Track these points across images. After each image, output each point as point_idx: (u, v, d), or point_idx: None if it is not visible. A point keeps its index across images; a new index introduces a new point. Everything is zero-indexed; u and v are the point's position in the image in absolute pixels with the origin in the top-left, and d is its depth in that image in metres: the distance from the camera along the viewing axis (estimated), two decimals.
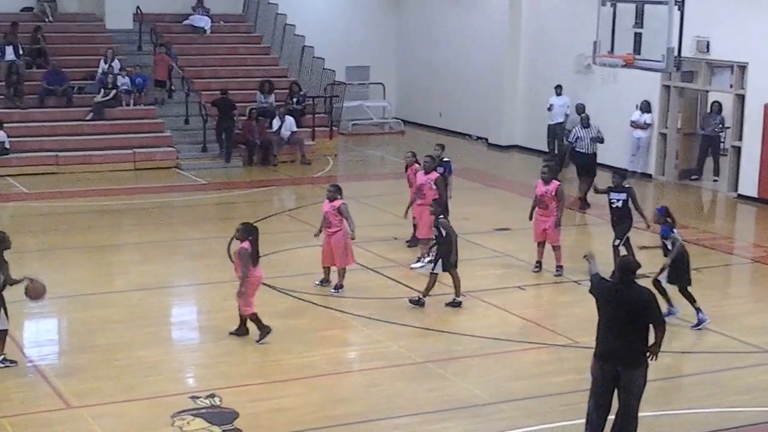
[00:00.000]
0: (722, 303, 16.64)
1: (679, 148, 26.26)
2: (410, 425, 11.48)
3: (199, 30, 31.38)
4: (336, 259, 16.10)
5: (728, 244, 20.27)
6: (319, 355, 13.60)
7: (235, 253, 13.99)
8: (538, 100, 29.63)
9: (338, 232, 15.95)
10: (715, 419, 11.69)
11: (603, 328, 10.18)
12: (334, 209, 15.94)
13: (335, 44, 32.65)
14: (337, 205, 15.94)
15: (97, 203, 22.49)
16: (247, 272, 13.79)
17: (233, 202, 23.56)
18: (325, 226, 16.08)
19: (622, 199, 17.12)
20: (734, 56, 24.07)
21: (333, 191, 16.10)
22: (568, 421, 11.07)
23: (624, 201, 17.11)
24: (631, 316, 10.13)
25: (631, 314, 10.13)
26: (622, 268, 10.38)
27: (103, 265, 18.04)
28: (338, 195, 16.08)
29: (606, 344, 10.16)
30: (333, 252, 16.06)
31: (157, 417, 11.50)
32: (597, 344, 10.27)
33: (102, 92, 27.46)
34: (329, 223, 15.99)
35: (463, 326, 14.84)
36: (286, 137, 27.75)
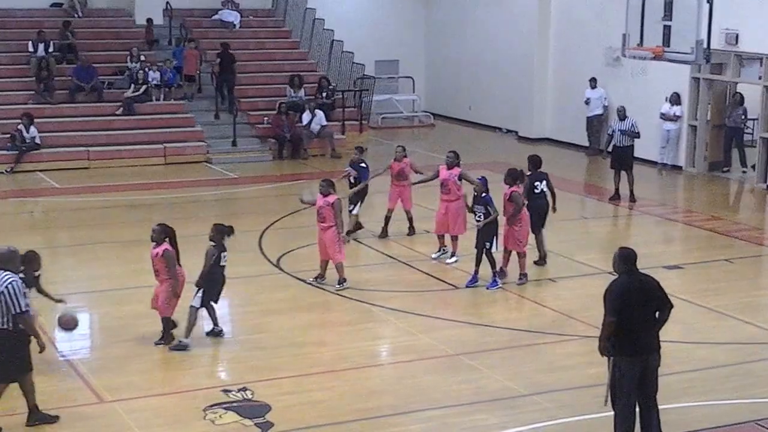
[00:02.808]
0: (753, 293, 16.58)
1: (709, 140, 26.11)
2: (443, 417, 11.49)
3: (229, 25, 31.47)
4: (331, 254, 15.96)
5: (758, 236, 20.16)
6: (351, 348, 13.64)
7: (157, 257, 13.44)
8: (567, 92, 29.59)
9: (332, 227, 15.88)
10: (748, 410, 11.63)
11: (630, 324, 10.06)
12: (328, 204, 15.86)
13: (364, 38, 32.68)
14: (331, 200, 15.82)
15: (127, 198, 22.63)
16: (175, 273, 13.42)
17: (264, 196, 23.64)
18: (319, 221, 15.96)
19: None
20: (763, 48, 23.91)
21: (326, 186, 15.98)
22: (602, 413, 11.03)
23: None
24: (649, 303, 10.19)
25: (649, 302, 10.19)
26: (626, 258, 10.31)
27: (135, 260, 18.09)
28: (332, 190, 15.98)
29: (638, 339, 10.11)
30: (327, 247, 15.95)
31: (190, 411, 11.56)
32: (626, 343, 10.11)
33: (132, 87, 27.60)
34: (323, 217, 15.84)
35: (494, 318, 14.84)
36: (315, 131, 27.80)
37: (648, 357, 10.19)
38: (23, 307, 10.63)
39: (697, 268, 17.72)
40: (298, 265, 17.23)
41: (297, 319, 14.76)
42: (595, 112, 28.18)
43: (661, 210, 22.05)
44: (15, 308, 10.58)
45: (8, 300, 10.55)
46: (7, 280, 10.59)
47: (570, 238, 19.48)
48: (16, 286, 10.61)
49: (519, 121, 31.23)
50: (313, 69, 31.08)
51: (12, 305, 10.57)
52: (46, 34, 28.16)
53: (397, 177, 18.83)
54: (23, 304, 10.64)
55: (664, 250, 18.99)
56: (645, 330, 10.16)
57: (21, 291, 10.66)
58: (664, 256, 18.07)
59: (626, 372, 10.16)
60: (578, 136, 29.04)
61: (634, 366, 10.14)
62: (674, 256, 18.52)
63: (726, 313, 15.10)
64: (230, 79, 28.63)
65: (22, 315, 10.65)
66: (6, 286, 10.57)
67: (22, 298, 10.63)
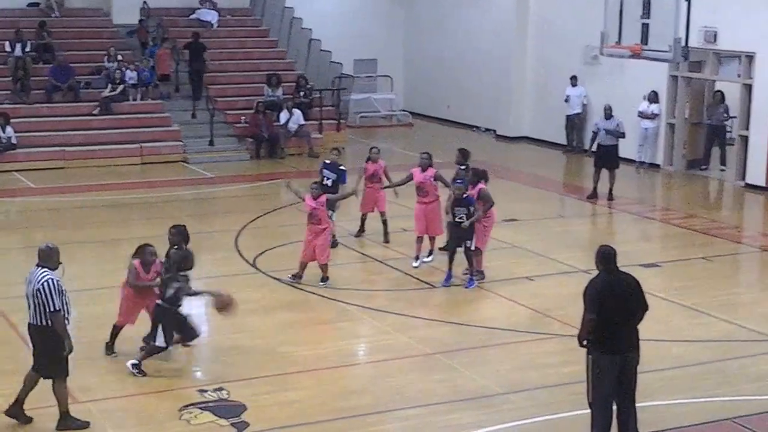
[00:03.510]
0: (731, 291, 16.63)
1: (687, 138, 26.18)
2: (419, 416, 11.46)
3: (206, 24, 31.37)
4: (319, 255, 15.92)
5: (736, 234, 20.22)
6: (328, 348, 13.60)
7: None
8: (546, 91, 29.64)
9: (326, 230, 15.90)
10: (725, 408, 11.64)
11: (608, 322, 10.06)
12: (322, 205, 15.82)
13: (342, 37, 32.60)
14: (324, 200, 15.86)
15: (104, 198, 22.50)
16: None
17: (241, 195, 23.56)
18: (313, 223, 15.90)
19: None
20: (741, 46, 23.99)
21: (318, 188, 15.99)
22: (577, 411, 11.02)
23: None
24: (628, 302, 10.16)
25: (628, 300, 10.17)
26: (605, 257, 10.29)
27: (111, 259, 17.98)
28: (322, 191, 16.00)
29: (616, 337, 10.09)
30: (317, 248, 15.88)
31: (165, 411, 11.49)
32: (603, 341, 10.10)
33: (109, 87, 27.48)
34: (318, 219, 15.85)
35: (471, 317, 14.82)
36: (293, 130, 27.75)
37: (627, 355, 10.18)
38: (56, 306, 10.66)
39: (674, 266, 17.75)
40: (275, 265, 17.16)
41: (273, 319, 14.70)
42: (575, 110, 28.22)
43: (639, 208, 22.09)
44: (49, 306, 10.64)
45: (44, 297, 10.62)
46: (44, 278, 10.67)
47: (547, 236, 19.48)
48: (53, 284, 10.65)
49: (497, 119, 31.24)
50: (291, 68, 31.02)
51: (46, 303, 10.63)
52: (23, 34, 27.97)
53: (370, 179, 18.57)
54: (57, 303, 10.66)
55: (641, 248, 19.00)
56: (624, 328, 10.14)
57: (57, 289, 10.67)
58: (642, 254, 18.08)
59: (604, 370, 10.13)
60: (556, 134, 29.07)
61: (612, 364, 10.12)
62: (652, 254, 18.54)
63: (703, 310, 15.13)
64: (200, 68, 28.72)
65: (55, 314, 10.67)
66: (42, 283, 10.63)
67: (56, 297, 10.66)
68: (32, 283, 10.77)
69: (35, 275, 10.80)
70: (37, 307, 10.73)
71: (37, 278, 10.72)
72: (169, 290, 12.46)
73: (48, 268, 10.82)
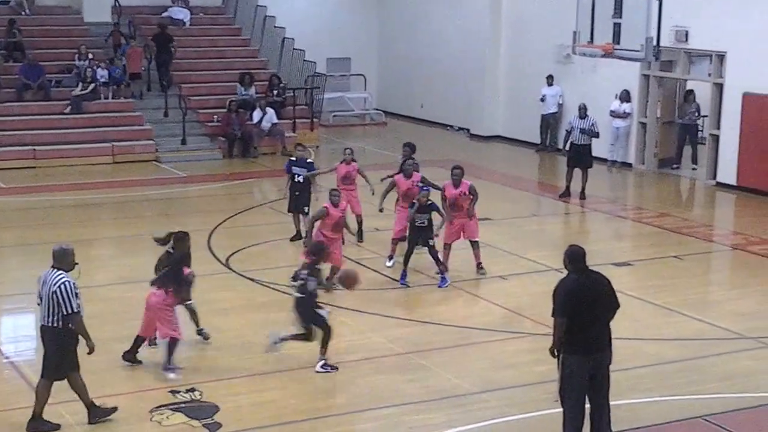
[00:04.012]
0: (702, 290, 16.74)
1: (659, 137, 26.29)
2: (393, 416, 11.45)
3: (178, 22, 31.25)
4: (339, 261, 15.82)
5: (708, 232, 20.31)
6: (301, 348, 13.50)
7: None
8: (519, 90, 29.70)
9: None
10: (696, 406, 11.69)
11: (579, 322, 10.05)
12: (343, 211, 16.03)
13: (316, 36, 32.59)
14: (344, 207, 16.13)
15: (75, 197, 22.38)
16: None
17: (213, 194, 23.46)
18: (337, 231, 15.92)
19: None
20: (713, 46, 24.10)
21: (338, 195, 15.95)
22: (550, 410, 11.04)
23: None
24: (598, 302, 10.14)
25: (598, 300, 10.15)
26: (573, 257, 10.28)
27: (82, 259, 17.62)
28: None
29: (587, 337, 10.06)
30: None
31: (137, 412, 11.43)
32: (573, 341, 10.08)
33: (80, 85, 27.33)
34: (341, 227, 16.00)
35: (444, 316, 14.81)
36: (266, 129, 27.70)
37: (598, 355, 10.16)
38: (74, 308, 10.63)
39: (646, 264, 17.81)
40: (248, 265, 17.13)
41: (246, 319, 14.66)
42: (551, 110, 28.26)
43: (611, 207, 22.16)
44: (66, 308, 10.60)
45: (60, 299, 10.57)
46: (60, 280, 10.62)
47: (520, 235, 19.53)
48: (69, 286, 10.60)
49: (471, 119, 31.28)
50: (264, 67, 30.94)
51: (64, 305, 10.59)
52: None
53: (343, 180, 18.41)
54: (74, 305, 10.63)
55: (613, 247, 19.07)
56: (595, 328, 10.11)
57: (73, 291, 10.63)
58: (614, 253, 18.15)
59: (575, 370, 10.12)
60: (530, 133, 29.13)
61: (583, 364, 10.11)
62: (624, 253, 18.60)
63: (675, 309, 15.19)
64: (167, 60, 28.81)
65: (74, 315, 10.65)
66: (59, 285, 10.59)
67: (74, 299, 10.63)
68: (47, 284, 10.70)
69: (50, 277, 10.72)
70: (51, 309, 10.68)
71: (53, 280, 10.64)
72: (310, 283, 12.61)
73: (63, 269, 10.77)
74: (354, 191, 18.47)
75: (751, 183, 23.27)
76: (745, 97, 23.26)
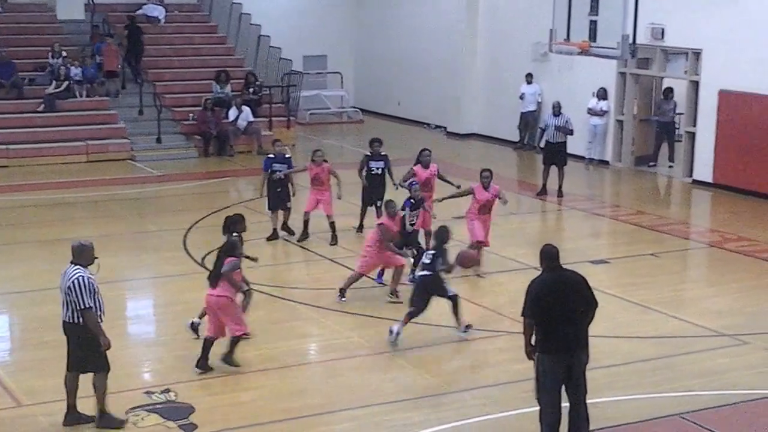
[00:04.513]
0: (679, 287, 16.75)
1: (635, 135, 26.34)
2: (370, 416, 11.39)
3: (153, 20, 31.09)
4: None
5: (684, 230, 20.34)
6: (277, 347, 13.48)
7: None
8: (496, 88, 29.71)
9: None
10: (672, 404, 11.69)
11: (551, 322, 10.02)
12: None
13: (292, 33, 32.51)
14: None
15: (48, 196, 22.22)
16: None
17: (189, 193, 23.33)
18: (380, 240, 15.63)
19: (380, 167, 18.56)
20: (688, 43, 24.16)
21: (394, 206, 15.65)
22: (529, 408, 11.01)
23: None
24: (572, 300, 10.10)
25: (571, 298, 10.10)
26: (547, 255, 10.25)
27: (56, 259, 17.63)
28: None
29: (558, 336, 10.03)
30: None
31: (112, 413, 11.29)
32: (546, 341, 10.07)
33: (54, 83, 27.14)
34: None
35: (422, 316, 14.73)
36: (242, 127, 27.59)
37: (573, 354, 10.11)
38: (86, 304, 10.60)
39: (623, 262, 17.82)
40: None
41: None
42: (530, 107, 28.25)
43: (588, 205, 22.17)
44: (80, 304, 10.59)
45: (75, 295, 10.56)
46: (75, 275, 10.61)
47: (498, 233, 19.42)
48: (84, 282, 10.59)
49: (447, 116, 31.25)
50: (240, 64, 30.84)
51: (78, 300, 10.57)
52: None
53: (313, 181, 18.34)
54: (87, 301, 10.60)
55: (590, 244, 19.08)
56: (568, 327, 10.06)
57: (87, 287, 10.60)
58: (591, 250, 18.15)
59: (549, 369, 10.09)
60: (507, 131, 29.13)
61: (557, 363, 10.07)
62: (600, 250, 18.62)
63: (651, 307, 15.20)
64: (138, 51, 28.81)
65: (86, 311, 10.61)
66: (73, 281, 10.57)
67: (87, 295, 10.60)
68: (64, 280, 10.70)
69: (68, 272, 10.70)
70: (69, 305, 10.70)
71: (69, 276, 10.65)
72: (437, 262, 13.52)
73: (80, 265, 10.74)
74: (325, 192, 18.34)
75: (727, 180, 23.34)
76: (720, 95, 23.32)
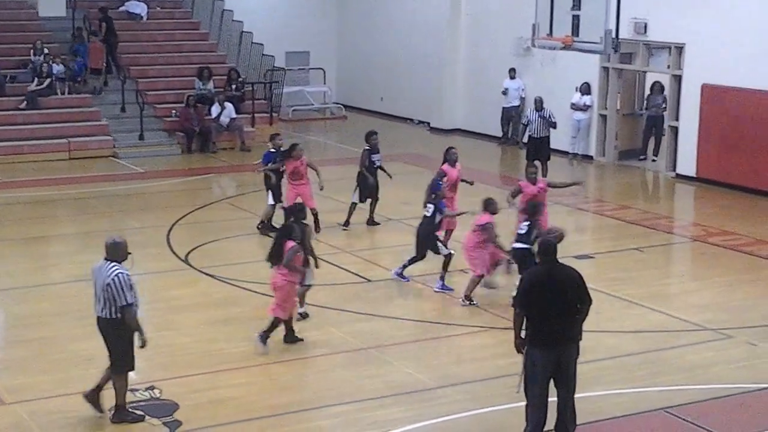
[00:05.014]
0: (663, 282, 16.76)
1: (619, 129, 26.36)
2: (353, 412, 11.36)
3: (136, 17, 30.96)
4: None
5: (668, 224, 20.38)
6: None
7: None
8: (479, 83, 29.69)
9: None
10: (658, 398, 11.70)
11: (541, 315, 10.02)
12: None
13: (274, 30, 32.42)
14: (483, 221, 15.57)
15: (31, 194, 22.13)
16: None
17: (172, 190, 23.24)
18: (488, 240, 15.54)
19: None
20: (671, 38, 24.19)
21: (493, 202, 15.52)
22: (513, 403, 11.00)
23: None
24: (566, 295, 10.08)
25: (567, 293, 10.09)
26: (544, 249, 10.25)
27: (38, 257, 17.71)
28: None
29: (548, 330, 10.02)
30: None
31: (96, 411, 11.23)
32: (535, 334, 10.08)
33: (36, 81, 27.01)
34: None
35: (405, 311, 14.76)
36: (225, 124, 27.52)
37: (562, 349, 10.10)
38: (128, 300, 10.65)
39: (607, 257, 17.83)
40: (207, 261, 16.97)
41: (206, 315, 14.51)
42: (513, 102, 28.22)
43: (572, 200, 22.13)
44: (120, 300, 10.62)
45: (114, 292, 10.59)
46: (114, 272, 10.64)
47: None
48: (123, 279, 10.63)
49: (431, 112, 31.22)
50: (223, 61, 30.73)
51: (117, 297, 10.61)
52: None
53: (291, 176, 18.25)
54: (128, 297, 10.65)
55: (574, 239, 18.98)
56: (559, 321, 10.05)
57: (127, 283, 10.65)
58: (575, 245, 18.08)
59: (538, 362, 10.09)
60: (491, 126, 29.11)
61: (546, 357, 10.06)
62: (585, 245, 18.62)
63: (635, 301, 15.22)
64: (112, 42, 28.64)
65: (127, 308, 10.66)
66: (112, 278, 10.61)
67: (128, 291, 10.65)
68: (101, 277, 10.70)
69: (104, 269, 10.73)
70: (107, 301, 10.71)
71: (107, 273, 10.67)
72: (534, 233, 14.34)
73: (116, 261, 10.78)
74: (305, 186, 18.30)
75: (711, 174, 23.38)
76: (703, 89, 23.35)
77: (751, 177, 22.47)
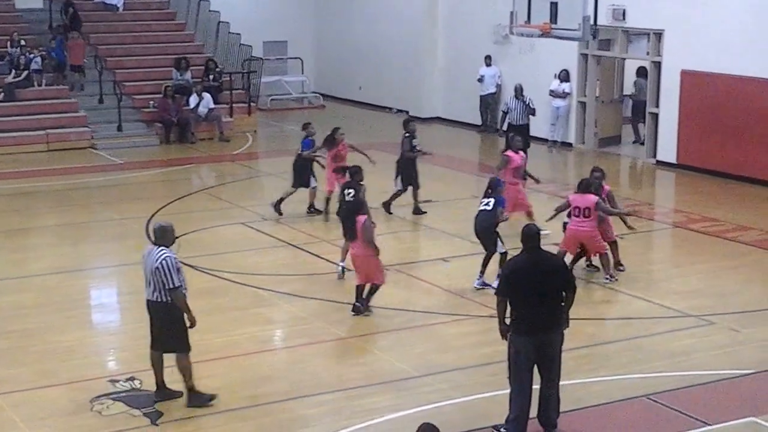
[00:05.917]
0: (645, 269, 16.74)
1: (598, 116, 26.38)
2: (336, 401, 11.33)
3: (112, 8, 30.81)
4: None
5: (649, 210, 20.38)
6: (242, 334, 13.38)
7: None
8: (457, 71, 29.65)
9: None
10: (640, 385, 11.70)
11: (524, 302, 10.02)
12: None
13: (251, 19, 32.32)
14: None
15: (9, 186, 21.98)
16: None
17: (151, 181, 23.14)
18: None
19: None
20: (650, 24, 24.21)
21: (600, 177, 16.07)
22: (495, 391, 11.00)
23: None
24: (549, 282, 10.09)
25: (549, 281, 10.09)
26: (526, 237, 10.24)
27: (17, 249, 17.58)
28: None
29: (531, 317, 10.02)
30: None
31: (76, 402, 11.22)
32: (518, 321, 10.08)
33: (13, 73, 26.84)
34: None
35: (387, 300, 14.68)
36: (203, 114, 27.41)
37: (545, 336, 10.09)
38: (175, 283, 10.82)
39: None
40: (187, 251, 16.81)
41: None
42: (489, 90, 28.23)
43: (552, 187, 22.13)
44: (169, 283, 10.79)
45: (163, 275, 10.76)
46: (162, 256, 10.82)
47: (462, 217, 19.39)
48: (171, 262, 10.80)
49: (409, 101, 31.17)
50: (200, 51, 30.62)
51: (166, 280, 10.76)
52: None
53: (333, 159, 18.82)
54: (176, 280, 10.82)
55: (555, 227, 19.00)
56: (541, 308, 10.05)
57: (174, 266, 10.81)
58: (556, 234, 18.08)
59: (521, 350, 10.09)
60: (470, 114, 29.10)
61: (528, 344, 10.06)
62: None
63: (616, 288, 15.22)
64: (77, 27, 28.57)
65: (175, 290, 10.83)
66: (161, 261, 10.77)
67: (175, 274, 10.81)
68: (150, 261, 10.87)
69: (153, 254, 10.89)
70: (156, 285, 10.88)
71: (155, 257, 10.83)
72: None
73: (164, 245, 10.97)
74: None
75: (691, 161, 23.43)
76: (683, 75, 23.39)
77: (731, 163, 22.53)
